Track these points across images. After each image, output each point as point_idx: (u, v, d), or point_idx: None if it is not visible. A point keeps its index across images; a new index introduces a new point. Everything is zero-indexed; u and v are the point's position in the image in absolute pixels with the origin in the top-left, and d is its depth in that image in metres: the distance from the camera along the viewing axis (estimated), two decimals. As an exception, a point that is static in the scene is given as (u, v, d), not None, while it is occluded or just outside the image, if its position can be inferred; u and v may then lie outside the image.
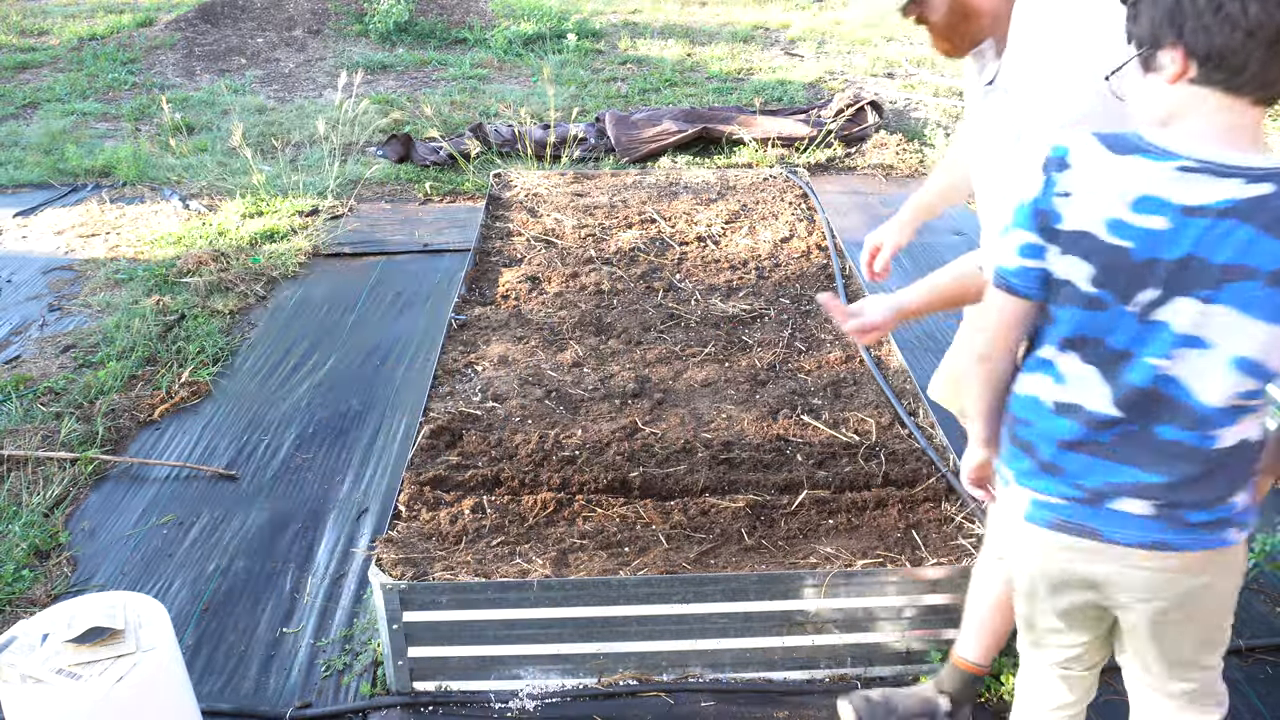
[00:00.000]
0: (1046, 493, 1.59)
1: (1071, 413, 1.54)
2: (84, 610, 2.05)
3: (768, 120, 6.87)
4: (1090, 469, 1.55)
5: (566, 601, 2.41)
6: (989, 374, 1.63)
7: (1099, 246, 1.42)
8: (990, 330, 1.58)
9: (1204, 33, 1.34)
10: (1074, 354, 1.52)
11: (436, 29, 9.91)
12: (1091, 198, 1.42)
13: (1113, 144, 1.42)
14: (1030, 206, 1.47)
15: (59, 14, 11.07)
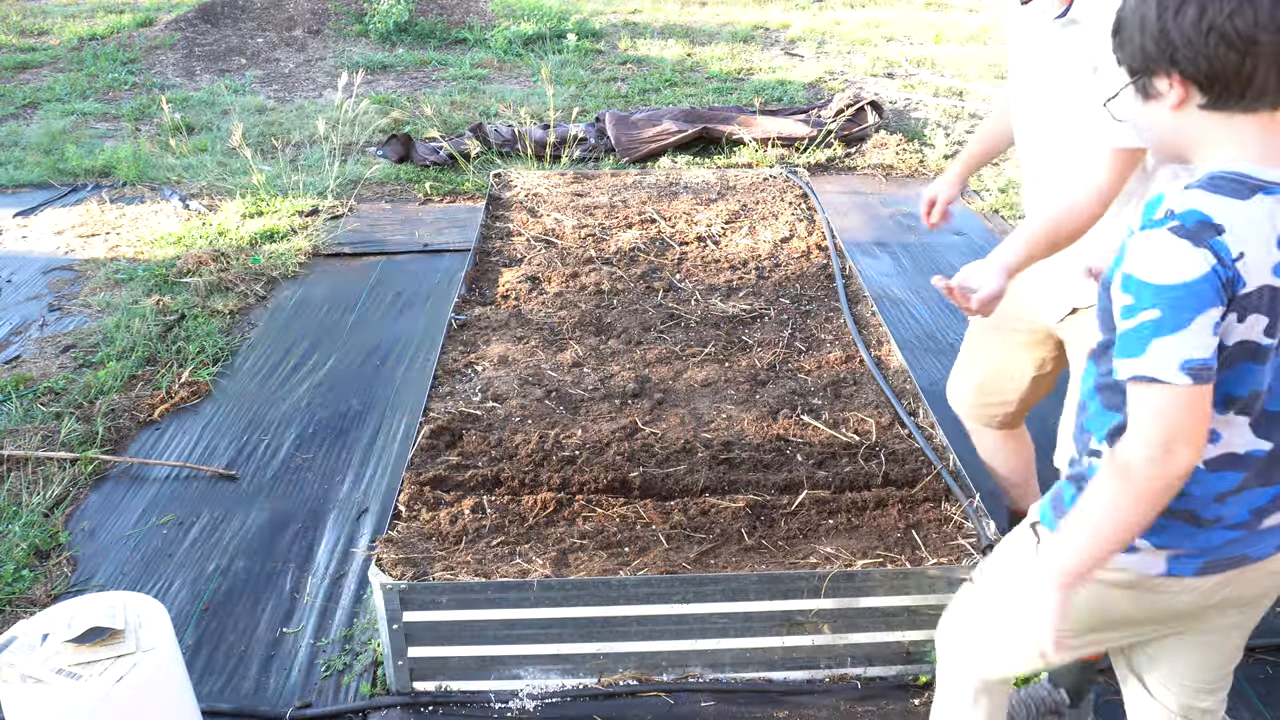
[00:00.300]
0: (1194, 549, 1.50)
1: (1226, 463, 1.45)
2: (84, 610, 2.05)
3: (768, 120, 6.87)
4: (1242, 505, 1.48)
5: (566, 601, 2.41)
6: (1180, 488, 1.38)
7: (1274, 296, 1.34)
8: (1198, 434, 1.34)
9: (1200, 60, 1.30)
10: (1231, 411, 1.42)
11: (436, 29, 9.91)
12: (1261, 250, 1.32)
13: (1232, 190, 1.33)
14: (1211, 279, 1.30)
15: (59, 14, 11.07)
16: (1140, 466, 1.34)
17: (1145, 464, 1.34)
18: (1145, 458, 1.34)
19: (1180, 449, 1.33)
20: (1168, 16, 1.32)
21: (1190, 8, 1.30)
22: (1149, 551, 1.50)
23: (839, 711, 2.45)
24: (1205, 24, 1.29)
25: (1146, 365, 1.32)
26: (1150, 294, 1.32)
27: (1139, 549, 1.51)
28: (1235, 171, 1.34)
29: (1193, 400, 1.32)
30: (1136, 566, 1.52)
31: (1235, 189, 1.33)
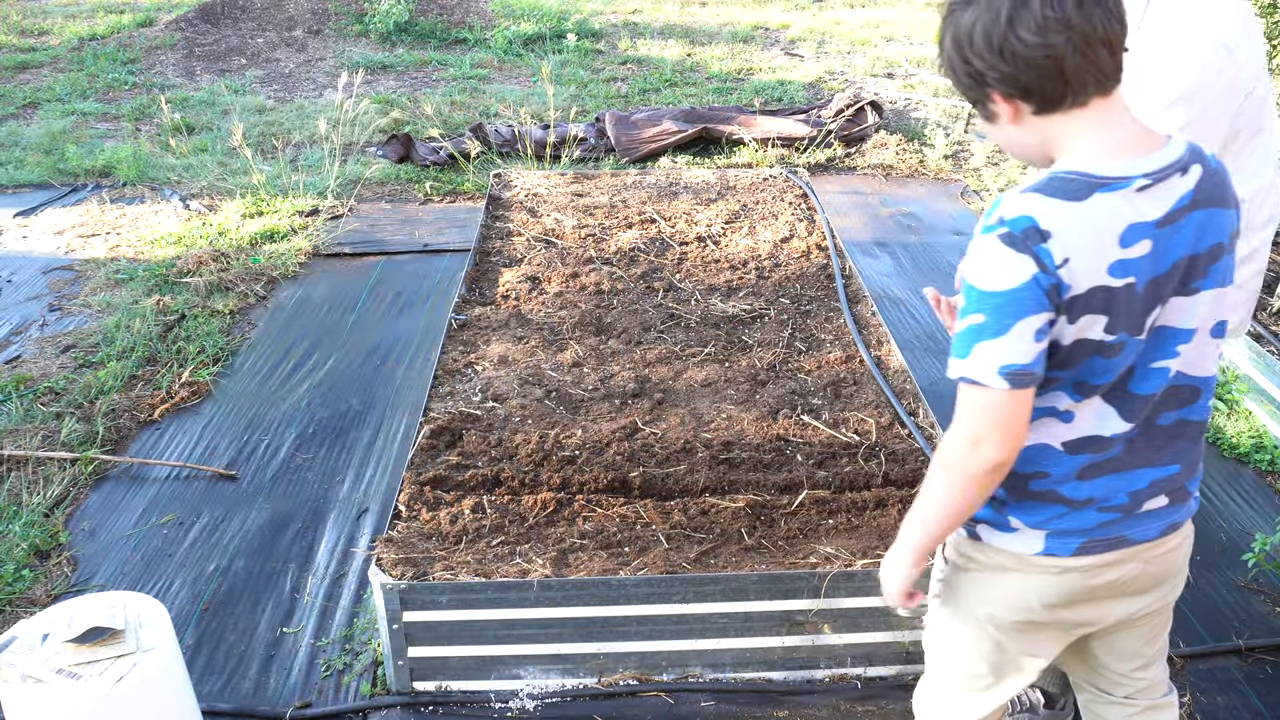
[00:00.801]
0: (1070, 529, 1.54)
1: (1084, 445, 1.50)
2: (84, 610, 2.05)
3: (768, 120, 6.87)
4: (1114, 488, 1.52)
5: (566, 601, 2.41)
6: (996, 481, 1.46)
7: (1112, 294, 1.37)
8: (1010, 436, 1.41)
9: (1007, 78, 1.35)
10: (1083, 398, 1.47)
11: (436, 29, 9.91)
12: (1089, 253, 1.35)
13: (1066, 192, 1.36)
14: (1033, 287, 1.34)
15: (59, 14, 11.07)
16: (954, 458, 1.44)
17: (958, 455, 1.43)
18: (958, 450, 1.43)
19: (986, 446, 1.41)
20: (965, 48, 1.38)
21: (977, 34, 1.35)
22: (1024, 530, 1.55)
23: (839, 711, 2.45)
24: (995, 44, 1.34)
25: (968, 367, 1.39)
26: (976, 299, 1.38)
27: (1015, 528, 1.56)
28: (1076, 171, 1.37)
29: (1007, 402, 1.38)
30: (1015, 546, 1.57)
31: (1072, 190, 1.36)
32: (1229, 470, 3.37)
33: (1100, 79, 1.35)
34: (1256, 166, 2.02)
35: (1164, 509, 1.56)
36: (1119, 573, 1.57)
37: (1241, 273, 2.13)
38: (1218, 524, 3.10)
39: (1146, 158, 1.38)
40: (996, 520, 1.59)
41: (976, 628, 1.68)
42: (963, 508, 1.50)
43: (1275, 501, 3.21)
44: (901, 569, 1.60)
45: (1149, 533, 1.56)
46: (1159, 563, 1.60)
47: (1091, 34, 1.31)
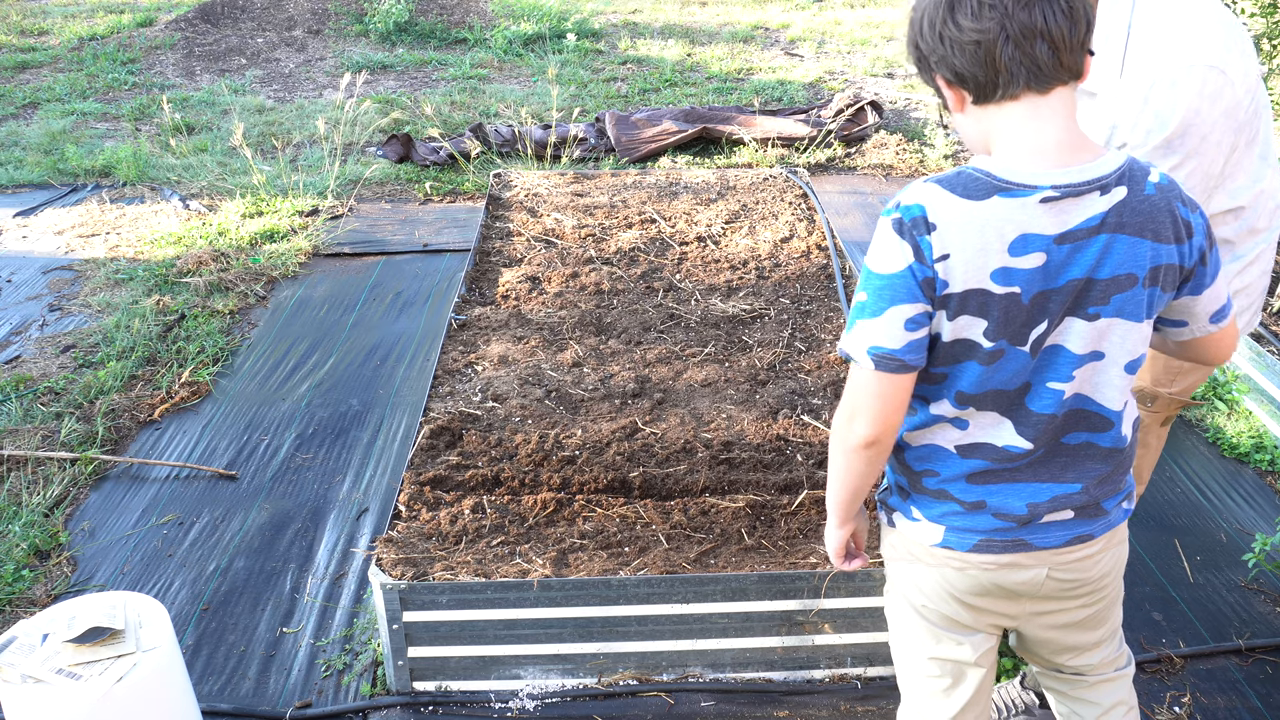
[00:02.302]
0: (967, 526, 1.57)
1: (978, 451, 1.52)
2: (84, 610, 2.05)
3: (768, 120, 6.87)
4: (1010, 497, 1.53)
5: (566, 601, 2.41)
6: (875, 456, 1.52)
7: (992, 299, 1.38)
8: (878, 413, 1.45)
9: (945, 62, 1.37)
10: (971, 406, 1.48)
11: (436, 29, 9.91)
12: (972, 253, 1.35)
13: (966, 189, 1.36)
14: (907, 277, 1.37)
15: (59, 14, 11.07)
16: (835, 430, 1.53)
17: (838, 428, 1.52)
18: (838, 423, 1.52)
19: (859, 422, 1.47)
20: (915, 31, 1.41)
21: (924, 22, 1.39)
22: (925, 522, 1.60)
23: (839, 711, 2.45)
24: (936, 28, 1.36)
25: (847, 342, 1.46)
26: (864, 277, 1.44)
27: (917, 519, 1.61)
28: (983, 170, 1.38)
29: (875, 383, 1.43)
30: (919, 536, 1.61)
31: (972, 188, 1.36)
32: (1229, 470, 3.37)
33: (1034, 73, 1.34)
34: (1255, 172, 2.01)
35: (1069, 521, 1.56)
36: (1025, 575, 1.58)
37: (1249, 274, 2.12)
38: (1218, 524, 3.11)
39: (1066, 169, 1.36)
40: (904, 509, 1.64)
41: (911, 616, 1.72)
42: (850, 478, 1.57)
43: (1275, 501, 3.21)
44: (829, 531, 1.71)
45: (1052, 540, 1.56)
46: (1071, 569, 1.60)
47: (1029, 26, 1.31)
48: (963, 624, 1.67)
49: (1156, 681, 2.54)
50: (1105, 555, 1.62)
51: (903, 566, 1.69)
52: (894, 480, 1.67)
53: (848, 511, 1.66)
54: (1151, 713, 2.44)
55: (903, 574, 1.70)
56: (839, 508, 1.65)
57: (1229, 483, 3.30)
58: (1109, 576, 1.67)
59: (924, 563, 1.63)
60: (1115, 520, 1.61)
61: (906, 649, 1.77)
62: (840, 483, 1.60)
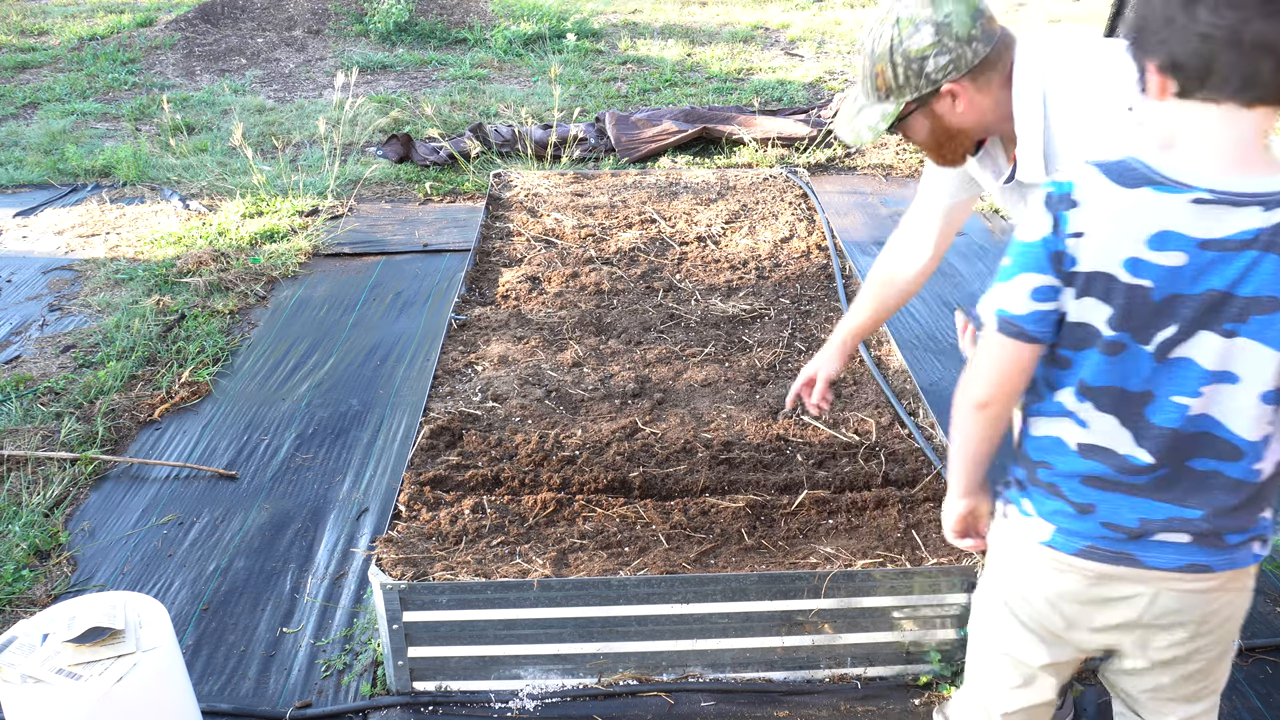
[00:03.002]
0: (1076, 529, 1.53)
1: (1098, 454, 1.48)
2: (84, 610, 2.05)
3: (768, 120, 6.87)
4: (1123, 508, 1.49)
5: (566, 601, 2.41)
6: (989, 421, 1.54)
7: (1118, 287, 1.36)
8: (994, 377, 1.49)
9: (1162, 45, 1.33)
10: (1090, 402, 1.46)
11: (436, 29, 9.91)
12: (1107, 237, 1.35)
13: (1120, 176, 1.35)
14: (1040, 248, 1.39)
15: (59, 14, 11.07)
16: (961, 384, 1.55)
17: (962, 382, 1.54)
18: (964, 378, 1.54)
19: (978, 382, 1.52)
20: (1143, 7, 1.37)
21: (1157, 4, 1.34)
22: (1035, 518, 1.58)
23: (839, 711, 2.45)
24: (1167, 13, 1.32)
25: (982, 302, 1.48)
26: (1010, 244, 1.46)
27: (1029, 513, 1.59)
28: (1144, 161, 1.35)
29: (997, 345, 1.47)
30: (1028, 530, 1.59)
31: (1126, 176, 1.35)
32: (1229, 470, 3.36)
33: (1248, 85, 1.29)
34: None
35: (1185, 546, 1.49)
36: (1127, 591, 1.53)
37: None
38: (1218, 524, 3.10)
39: (1228, 176, 1.32)
40: (1018, 501, 1.62)
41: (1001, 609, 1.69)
42: (966, 441, 1.58)
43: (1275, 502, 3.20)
44: (949, 501, 1.70)
45: (1164, 561, 1.50)
46: (1185, 600, 1.52)
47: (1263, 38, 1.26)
48: (1051, 630, 1.62)
49: (1156, 681, 2.54)
50: (1221, 596, 1.53)
51: (1003, 561, 1.67)
52: (1013, 471, 1.65)
53: (968, 480, 1.65)
54: (1151, 713, 2.44)
55: (1004, 566, 1.68)
56: (959, 471, 1.65)
57: (1229, 483, 3.30)
58: (1222, 622, 1.56)
59: (1028, 558, 1.60)
60: (1240, 560, 1.51)
61: (986, 639, 1.75)
62: (957, 446, 1.62)
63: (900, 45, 1.74)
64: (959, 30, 1.72)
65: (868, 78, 1.79)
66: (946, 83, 1.75)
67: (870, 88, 1.80)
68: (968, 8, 1.73)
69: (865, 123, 1.83)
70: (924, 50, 1.73)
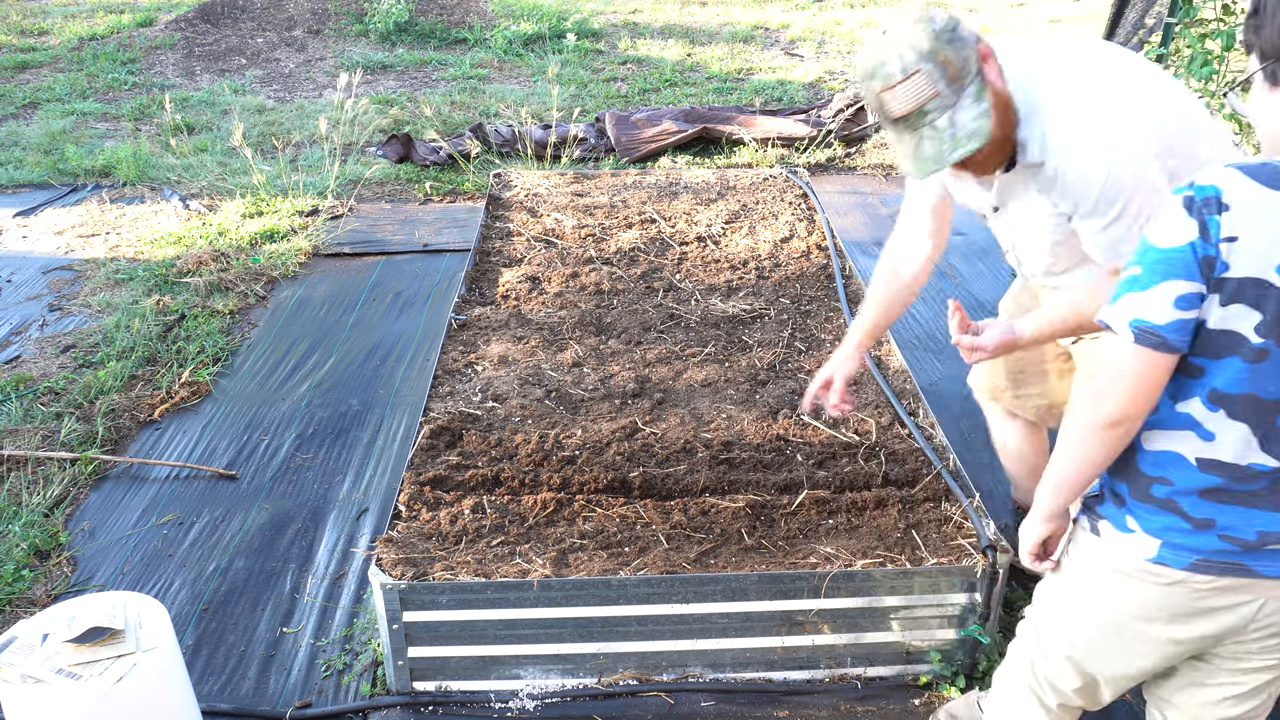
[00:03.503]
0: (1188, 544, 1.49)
1: (1218, 468, 1.44)
2: (84, 610, 2.05)
3: (768, 120, 6.87)
4: (1241, 521, 1.46)
5: (566, 601, 2.41)
6: (1119, 439, 1.44)
7: (1270, 293, 1.31)
8: (1131, 392, 1.39)
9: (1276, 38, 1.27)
10: (1223, 410, 1.40)
11: (436, 29, 9.91)
12: (1264, 242, 1.29)
13: (1270, 179, 1.30)
14: (1188, 252, 1.32)
15: (59, 14, 11.07)
16: (1081, 402, 1.45)
17: (1084, 400, 1.44)
18: (1084, 399, 1.44)
19: (1109, 399, 1.41)
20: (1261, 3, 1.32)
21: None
22: (1140, 534, 1.53)
23: (839, 711, 2.45)
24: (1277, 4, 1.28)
25: (1109, 313, 1.40)
26: (1141, 252, 1.39)
27: (1132, 529, 1.53)
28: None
29: (1132, 357, 1.38)
30: (1129, 547, 1.54)
31: (1276, 178, 1.31)
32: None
33: None
34: None
35: None
36: (1236, 600, 1.50)
37: None
38: (1218, 524, 3.10)
39: None
40: (1116, 519, 1.56)
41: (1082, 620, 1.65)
42: (1087, 459, 1.49)
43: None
44: (1033, 523, 1.64)
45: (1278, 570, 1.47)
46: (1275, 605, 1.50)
47: None
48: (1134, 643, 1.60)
49: (1156, 681, 2.53)
50: None
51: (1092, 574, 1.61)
52: (1109, 486, 1.58)
53: (1068, 499, 1.56)
54: (1151, 713, 2.44)
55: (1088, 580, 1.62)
56: (1061, 493, 1.56)
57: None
58: None
59: (1127, 577, 1.55)
60: None
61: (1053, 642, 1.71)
62: (1074, 464, 1.50)
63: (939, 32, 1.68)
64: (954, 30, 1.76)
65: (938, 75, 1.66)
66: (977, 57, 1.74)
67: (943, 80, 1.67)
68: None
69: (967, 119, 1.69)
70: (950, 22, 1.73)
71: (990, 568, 2.41)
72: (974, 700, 2.36)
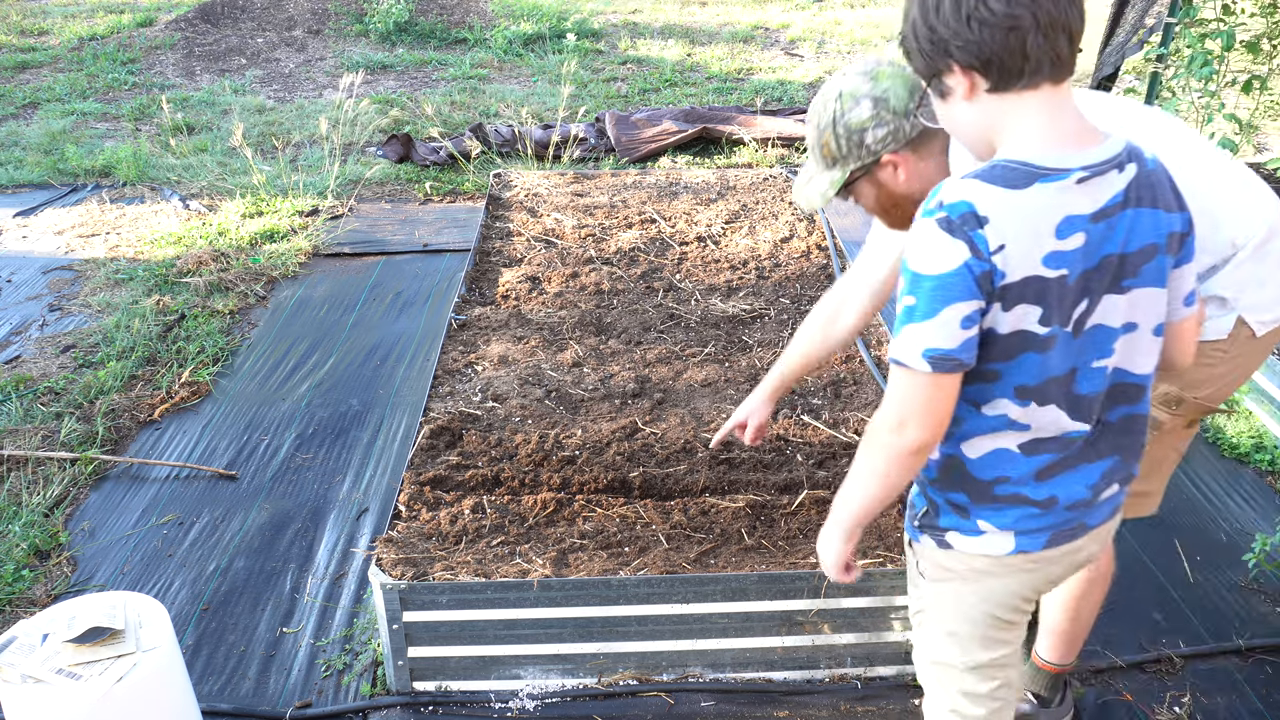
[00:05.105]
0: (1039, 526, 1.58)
1: (1042, 446, 1.53)
2: (84, 610, 2.05)
3: (768, 120, 6.87)
4: (1075, 485, 1.56)
5: (566, 601, 2.41)
6: (920, 463, 1.50)
7: (1046, 285, 1.38)
8: (932, 417, 1.44)
9: (970, 46, 1.36)
10: (1032, 401, 1.47)
11: (436, 29, 9.91)
12: (1026, 242, 1.36)
13: (1007, 180, 1.37)
14: (964, 273, 1.35)
15: (59, 14, 11.06)
16: (879, 436, 1.47)
17: (883, 435, 1.47)
18: (883, 429, 1.46)
19: (910, 428, 1.44)
20: (931, 15, 1.38)
21: (944, 4, 1.36)
22: (994, 533, 1.59)
23: (839, 711, 2.45)
24: (964, 13, 1.34)
25: (897, 348, 1.42)
26: (911, 281, 1.40)
27: (984, 531, 1.59)
28: (1018, 160, 1.38)
29: (930, 386, 1.41)
30: (987, 549, 1.60)
31: (1012, 178, 1.37)
32: (1229, 470, 3.37)
33: (1056, 65, 1.36)
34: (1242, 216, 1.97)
35: (1115, 494, 1.63)
36: (1081, 556, 1.66)
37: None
38: (1218, 524, 3.10)
39: (1084, 151, 1.39)
40: (964, 526, 1.61)
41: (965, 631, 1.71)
42: (886, 487, 1.53)
43: (1275, 501, 3.21)
44: (834, 544, 1.67)
45: (1102, 515, 1.64)
46: (1101, 538, 1.68)
47: (1056, 17, 1.32)
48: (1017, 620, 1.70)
49: (1156, 681, 2.54)
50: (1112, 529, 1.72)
51: (957, 588, 1.67)
52: (944, 500, 1.63)
53: (867, 521, 1.62)
54: (1152, 713, 2.44)
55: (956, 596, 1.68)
56: (860, 518, 1.61)
57: (1229, 483, 3.30)
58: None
59: (992, 575, 1.62)
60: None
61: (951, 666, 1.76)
62: (871, 494, 1.55)
63: (842, 118, 1.82)
64: (896, 105, 1.78)
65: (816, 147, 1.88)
66: (886, 153, 1.82)
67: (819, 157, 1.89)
68: (905, 83, 1.79)
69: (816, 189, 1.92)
70: (863, 123, 1.80)
71: (990, 568, 2.41)
72: None
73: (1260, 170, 5.48)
